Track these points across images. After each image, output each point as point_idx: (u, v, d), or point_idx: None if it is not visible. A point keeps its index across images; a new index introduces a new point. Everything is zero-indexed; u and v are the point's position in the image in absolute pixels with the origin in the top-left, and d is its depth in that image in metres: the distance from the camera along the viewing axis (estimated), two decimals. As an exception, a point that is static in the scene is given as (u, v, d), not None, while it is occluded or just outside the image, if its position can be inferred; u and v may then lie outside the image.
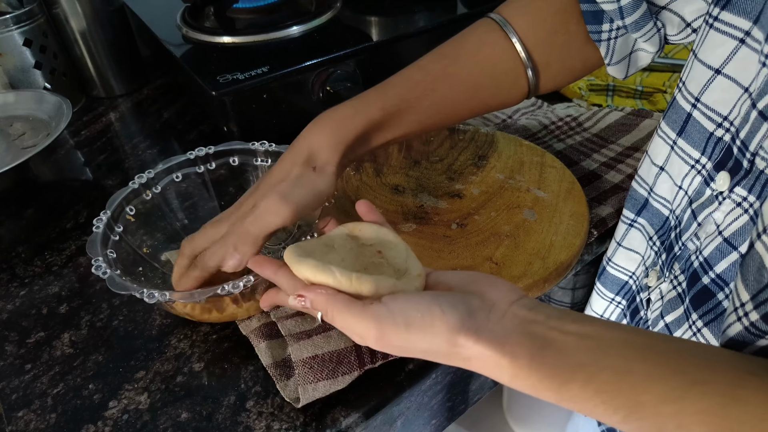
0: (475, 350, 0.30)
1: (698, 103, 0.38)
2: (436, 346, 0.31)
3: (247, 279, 0.41)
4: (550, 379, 0.29)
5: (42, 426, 0.43)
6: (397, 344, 0.31)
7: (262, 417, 0.42)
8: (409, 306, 0.31)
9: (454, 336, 0.30)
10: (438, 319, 0.30)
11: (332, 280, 0.34)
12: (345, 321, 0.32)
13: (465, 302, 0.31)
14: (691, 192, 0.40)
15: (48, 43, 0.76)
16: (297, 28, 0.71)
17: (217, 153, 0.54)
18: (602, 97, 0.76)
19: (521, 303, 0.32)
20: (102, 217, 0.47)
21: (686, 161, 0.40)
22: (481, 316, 0.31)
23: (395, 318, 0.31)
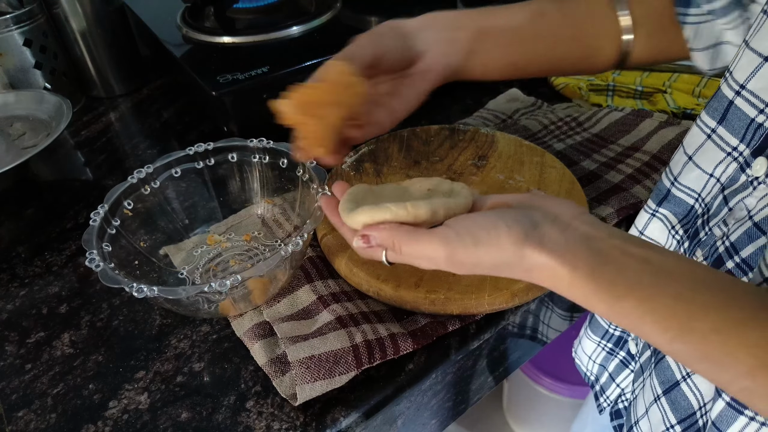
0: (539, 260, 0.32)
1: (743, 90, 0.38)
2: (503, 260, 0.33)
3: (234, 278, 0.41)
4: (606, 292, 0.30)
5: (42, 426, 0.43)
6: (467, 262, 0.33)
7: (262, 417, 0.42)
8: (474, 225, 0.33)
9: (520, 248, 0.32)
10: (504, 234, 0.32)
11: (389, 215, 0.35)
12: (413, 248, 0.34)
13: (528, 216, 0.33)
14: (724, 179, 0.40)
15: (48, 43, 0.76)
16: (297, 28, 0.71)
17: (216, 149, 0.54)
18: (602, 97, 0.76)
19: (583, 218, 0.33)
20: (99, 211, 0.48)
21: (723, 149, 0.40)
22: (545, 227, 0.33)
23: (462, 238, 0.33)
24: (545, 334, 0.61)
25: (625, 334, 0.51)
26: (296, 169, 0.54)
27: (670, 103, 0.72)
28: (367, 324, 0.46)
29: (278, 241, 0.56)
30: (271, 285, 0.48)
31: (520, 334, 0.56)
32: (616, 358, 0.53)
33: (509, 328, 0.52)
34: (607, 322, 0.52)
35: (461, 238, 0.33)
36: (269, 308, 0.48)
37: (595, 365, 0.56)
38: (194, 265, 0.54)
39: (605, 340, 0.53)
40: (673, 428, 0.41)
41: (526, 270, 0.33)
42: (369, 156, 0.63)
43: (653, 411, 0.43)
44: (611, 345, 0.53)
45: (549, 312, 0.57)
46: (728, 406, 0.35)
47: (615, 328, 0.52)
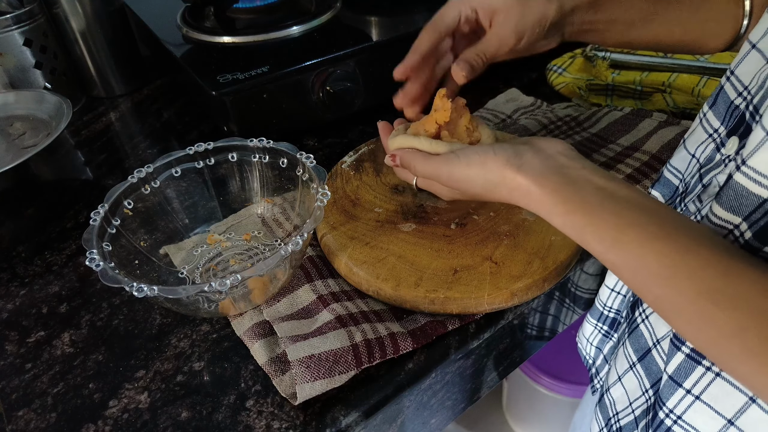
0: (516, 181, 0.38)
1: (732, 76, 0.40)
2: (488, 179, 0.40)
3: (234, 278, 0.41)
4: (561, 206, 0.36)
5: (42, 425, 0.43)
6: (462, 179, 0.41)
7: (262, 416, 0.42)
8: (471, 151, 0.41)
9: (501, 170, 0.39)
10: (491, 158, 0.40)
11: (417, 143, 0.45)
12: (424, 167, 0.43)
13: (515, 148, 0.40)
14: (702, 159, 0.42)
15: (48, 42, 0.77)
16: (297, 28, 0.71)
17: (216, 149, 0.54)
18: (602, 97, 0.76)
19: (565, 153, 0.40)
20: (99, 210, 0.48)
21: (707, 130, 0.42)
22: (527, 157, 0.39)
23: (459, 158, 0.41)
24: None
25: (619, 315, 0.52)
26: (296, 169, 0.54)
27: (670, 102, 0.72)
28: (366, 323, 0.46)
29: (278, 240, 0.56)
30: (270, 284, 0.48)
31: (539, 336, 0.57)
32: (610, 340, 0.54)
33: (514, 322, 0.52)
34: (602, 305, 0.53)
35: (459, 158, 0.41)
36: (269, 308, 0.48)
37: (593, 348, 0.57)
38: (194, 265, 0.54)
39: (601, 323, 0.54)
40: (647, 392, 0.43)
41: (507, 190, 0.39)
42: (369, 155, 0.63)
43: (629, 378, 0.45)
44: (606, 327, 0.54)
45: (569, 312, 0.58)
46: (687, 357, 0.37)
47: (609, 309, 0.52)
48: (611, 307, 0.52)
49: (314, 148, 0.70)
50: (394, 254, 0.51)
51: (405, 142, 0.46)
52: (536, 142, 0.41)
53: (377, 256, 0.50)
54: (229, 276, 0.41)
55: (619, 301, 0.51)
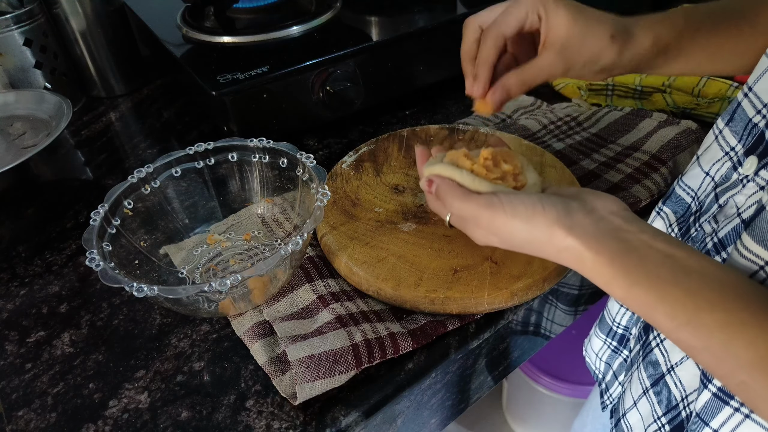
0: (566, 242, 0.35)
1: (750, 92, 0.39)
2: (534, 236, 0.36)
3: (234, 278, 0.41)
4: (623, 279, 0.33)
5: (42, 425, 0.43)
6: (504, 230, 0.37)
7: (262, 416, 0.42)
8: (517, 200, 0.37)
9: (550, 229, 0.35)
10: (539, 213, 0.36)
11: (457, 176, 0.40)
12: (461, 205, 0.39)
13: (564, 203, 0.36)
14: (717, 177, 0.41)
15: (48, 43, 0.77)
16: (297, 28, 0.71)
17: (216, 149, 0.54)
18: (602, 97, 0.76)
19: (621, 214, 0.36)
20: (99, 210, 0.48)
21: (723, 148, 0.41)
22: (578, 216, 0.36)
23: (504, 207, 0.37)
24: (549, 329, 0.61)
25: (628, 332, 0.51)
26: (296, 169, 0.54)
27: (670, 102, 0.72)
28: (366, 323, 0.46)
29: (278, 240, 0.56)
30: (270, 284, 0.48)
31: (523, 331, 0.56)
32: (620, 356, 0.53)
33: (512, 325, 0.52)
34: (611, 320, 0.53)
35: (503, 205, 0.37)
36: (269, 308, 0.48)
37: (602, 363, 0.56)
38: (194, 265, 0.54)
39: (610, 338, 0.54)
40: (660, 420, 0.42)
41: (556, 250, 0.35)
42: (369, 156, 0.63)
43: (642, 403, 0.44)
44: (615, 343, 0.53)
45: (552, 308, 0.57)
46: (714, 396, 0.35)
47: (618, 326, 0.52)
48: (620, 323, 0.51)
49: (314, 148, 0.70)
50: (394, 254, 0.51)
51: (444, 171, 0.41)
52: (588, 199, 0.37)
53: (377, 256, 0.50)
54: (229, 276, 0.41)
55: (628, 317, 0.51)
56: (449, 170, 0.41)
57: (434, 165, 0.42)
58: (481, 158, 0.41)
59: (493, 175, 0.40)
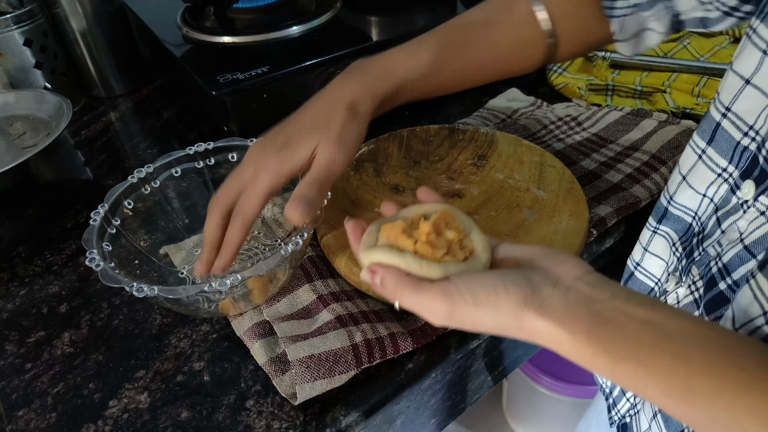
0: (538, 325, 0.31)
1: (728, 113, 0.39)
2: (502, 323, 0.32)
3: (234, 278, 0.41)
4: (605, 356, 0.30)
5: (42, 425, 0.43)
6: (467, 320, 0.33)
7: (262, 416, 0.42)
8: (475, 284, 0.33)
9: (518, 312, 0.32)
10: (503, 298, 0.32)
11: (403, 264, 0.35)
12: (414, 298, 0.34)
13: (529, 279, 0.33)
14: (717, 200, 0.40)
15: (48, 43, 0.77)
16: (297, 28, 0.71)
17: (216, 149, 0.54)
18: (602, 97, 0.76)
19: (586, 279, 0.33)
20: (99, 210, 0.48)
21: (713, 170, 0.41)
22: (545, 291, 0.32)
23: (464, 296, 0.32)
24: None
25: None
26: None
27: (670, 102, 0.72)
28: (366, 323, 0.46)
29: (278, 240, 0.56)
30: (271, 284, 0.48)
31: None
32: None
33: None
34: None
35: (462, 296, 0.32)
36: (269, 308, 0.48)
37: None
38: (194, 265, 0.54)
39: None
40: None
41: (527, 333, 0.32)
42: (369, 156, 0.63)
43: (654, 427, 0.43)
44: None
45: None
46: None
47: None
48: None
49: (314, 148, 0.70)
50: (394, 254, 0.50)
51: (386, 258, 0.36)
52: (549, 266, 0.34)
53: (377, 256, 0.50)
54: (229, 276, 0.41)
55: None
56: (391, 257, 0.36)
57: (373, 251, 0.37)
58: (423, 235, 0.36)
59: (439, 252, 0.36)
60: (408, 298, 0.34)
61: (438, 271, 0.35)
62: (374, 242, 0.38)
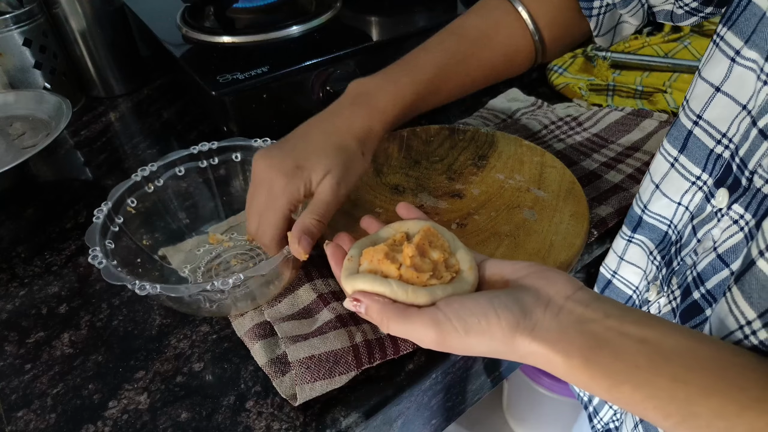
0: (531, 348, 0.30)
1: (700, 120, 0.39)
2: (494, 348, 0.32)
3: (236, 277, 0.41)
4: (602, 379, 0.29)
5: (42, 426, 0.43)
6: (458, 347, 0.32)
7: (262, 417, 0.42)
8: (464, 311, 0.32)
9: (510, 337, 0.31)
10: (494, 323, 0.31)
11: (388, 292, 0.34)
12: (402, 327, 0.33)
13: (519, 302, 0.32)
14: (692, 208, 0.40)
15: (48, 43, 0.76)
16: (297, 28, 0.71)
17: (220, 148, 0.54)
18: (602, 97, 0.76)
19: (577, 297, 0.32)
20: (102, 208, 0.48)
21: (687, 178, 0.41)
22: (537, 313, 0.31)
23: (453, 323, 0.31)
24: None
25: None
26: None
27: (671, 102, 0.72)
28: (367, 323, 0.46)
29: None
30: (273, 285, 0.48)
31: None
32: None
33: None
34: None
35: (452, 323, 0.31)
36: (270, 308, 0.48)
37: None
38: (196, 265, 0.54)
39: None
40: None
41: (521, 356, 0.31)
42: (369, 156, 0.63)
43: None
44: None
45: None
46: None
47: None
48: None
49: (314, 149, 0.70)
50: (395, 255, 0.50)
51: (369, 286, 0.34)
52: (539, 286, 0.33)
53: (377, 256, 0.50)
54: (232, 275, 0.41)
55: None
56: (375, 284, 0.34)
57: (356, 278, 0.35)
58: (407, 259, 0.35)
59: (425, 275, 0.35)
60: (395, 326, 0.33)
61: (424, 296, 0.34)
62: (356, 268, 0.36)
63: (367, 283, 0.34)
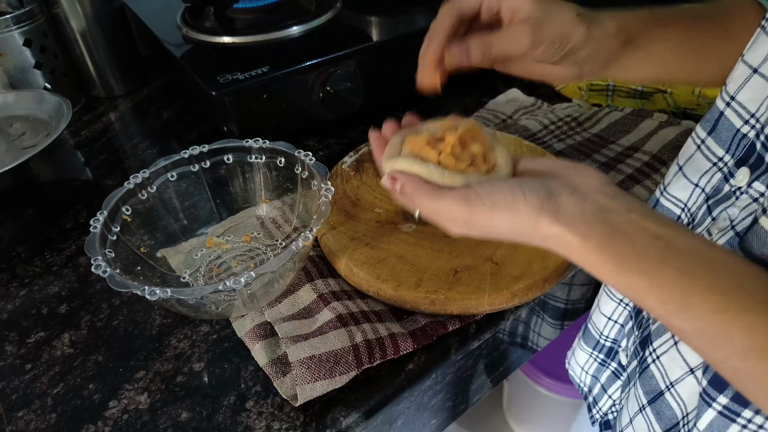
0: (552, 230, 0.32)
1: (732, 101, 0.39)
2: (518, 225, 0.33)
3: (248, 275, 0.41)
4: (612, 263, 0.31)
5: (42, 426, 0.43)
6: (483, 224, 0.34)
7: (262, 417, 0.42)
8: (494, 189, 0.34)
9: (534, 216, 0.32)
10: (520, 201, 0.33)
11: (425, 173, 0.36)
12: (433, 205, 0.35)
13: (546, 186, 0.34)
14: (708, 189, 0.40)
15: (48, 43, 0.76)
16: (297, 28, 0.71)
17: (211, 151, 0.54)
18: (602, 97, 0.76)
19: (604, 190, 0.33)
20: (99, 218, 0.47)
21: (709, 159, 0.40)
22: (562, 198, 0.33)
23: (482, 199, 0.34)
24: (535, 342, 0.61)
25: (616, 345, 0.51)
26: (294, 168, 0.54)
27: (670, 103, 0.72)
28: (367, 323, 0.46)
29: (278, 240, 0.56)
30: (276, 284, 0.48)
31: (511, 342, 0.56)
32: (607, 369, 0.53)
33: (499, 335, 0.51)
34: (598, 333, 0.52)
35: (480, 199, 0.33)
36: (271, 309, 0.48)
37: (588, 376, 0.56)
38: (195, 268, 0.54)
39: (597, 351, 0.53)
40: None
41: (542, 238, 0.33)
42: (369, 156, 0.63)
43: (638, 421, 0.43)
44: (603, 356, 0.53)
45: (539, 320, 0.57)
46: (720, 415, 0.34)
47: (606, 339, 0.51)
48: (608, 336, 0.51)
49: (314, 148, 0.70)
50: (395, 255, 0.51)
51: (408, 166, 0.37)
52: (568, 176, 0.34)
53: (377, 256, 0.50)
54: (243, 273, 0.41)
55: (616, 331, 0.50)
56: (414, 165, 0.36)
57: (396, 159, 0.38)
58: (448, 146, 0.37)
59: (462, 163, 0.37)
60: (427, 204, 0.35)
61: (459, 180, 0.36)
62: (397, 153, 0.38)
63: (406, 164, 0.37)
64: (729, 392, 0.34)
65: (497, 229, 0.34)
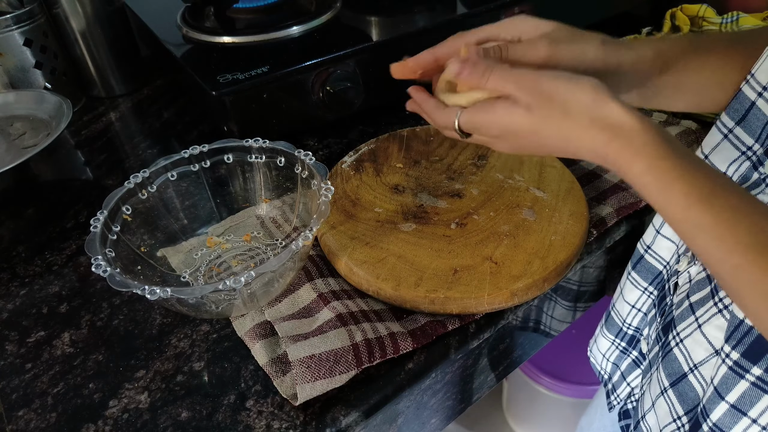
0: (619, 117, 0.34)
1: (765, 92, 0.39)
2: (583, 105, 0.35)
3: (248, 275, 0.41)
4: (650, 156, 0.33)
5: (42, 425, 0.43)
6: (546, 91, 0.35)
7: (262, 416, 0.42)
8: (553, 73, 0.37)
9: (594, 89, 0.35)
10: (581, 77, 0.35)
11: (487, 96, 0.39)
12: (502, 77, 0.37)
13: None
14: (736, 177, 0.41)
15: (48, 43, 0.77)
16: (297, 28, 0.71)
17: (211, 151, 0.54)
18: (602, 97, 0.76)
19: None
20: (99, 217, 0.48)
21: (738, 148, 0.41)
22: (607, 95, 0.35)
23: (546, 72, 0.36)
24: (549, 326, 0.61)
25: (638, 333, 0.51)
26: (294, 167, 0.54)
27: (670, 102, 0.72)
28: (367, 323, 0.46)
29: (279, 240, 0.56)
30: (277, 284, 0.48)
31: (523, 328, 0.56)
32: (628, 357, 0.53)
33: (512, 322, 0.52)
34: (621, 321, 0.52)
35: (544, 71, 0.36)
36: (270, 308, 0.48)
37: (609, 363, 0.56)
38: (195, 268, 0.54)
39: (619, 339, 0.53)
40: (680, 419, 0.42)
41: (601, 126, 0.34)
42: (369, 156, 0.63)
43: (660, 404, 0.44)
44: (624, 344, 0.53)
45: (552, 303, 0.57)
46: (753, 386, 0.35)
47: (629, 327, 0.52)
48: (630, 324, 0.51)
49: (314, 148, 0.70)
50: (394, 254, 0.51)
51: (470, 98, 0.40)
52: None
53: (377, 256, 0.50)
54: (243, 273, 0.41)
55: (639, 319, 0.50)
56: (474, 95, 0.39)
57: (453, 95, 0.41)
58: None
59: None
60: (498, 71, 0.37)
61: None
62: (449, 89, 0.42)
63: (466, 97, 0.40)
64: (764, 363, 0.35)
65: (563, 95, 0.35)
